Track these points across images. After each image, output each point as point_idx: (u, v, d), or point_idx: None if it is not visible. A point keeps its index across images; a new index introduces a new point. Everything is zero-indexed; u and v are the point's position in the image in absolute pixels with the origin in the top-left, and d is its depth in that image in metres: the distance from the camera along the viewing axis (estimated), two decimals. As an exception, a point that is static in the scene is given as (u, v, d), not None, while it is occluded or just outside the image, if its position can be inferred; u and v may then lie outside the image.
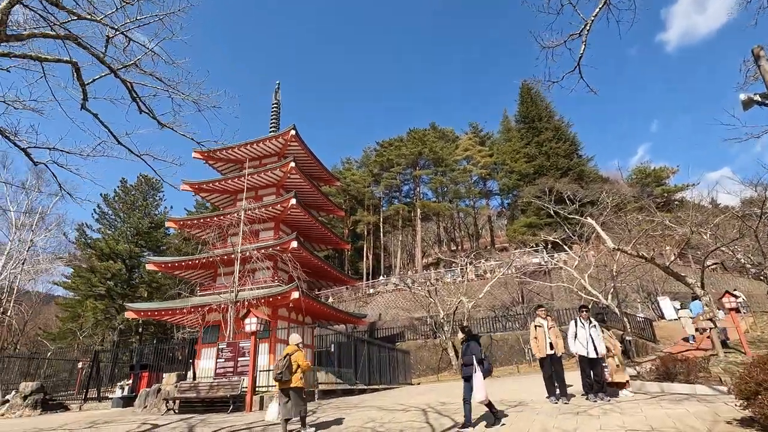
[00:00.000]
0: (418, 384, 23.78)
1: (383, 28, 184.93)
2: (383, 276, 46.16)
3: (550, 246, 33.21)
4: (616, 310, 20.67)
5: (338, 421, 7.54)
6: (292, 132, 23.06)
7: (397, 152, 54.77)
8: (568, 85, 7.15)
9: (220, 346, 11.75)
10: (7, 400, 13.68)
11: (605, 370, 8.54)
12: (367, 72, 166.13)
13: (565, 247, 27.96)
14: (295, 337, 7.08)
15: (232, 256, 17.71)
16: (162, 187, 43.04)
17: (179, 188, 22.88)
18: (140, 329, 38.44)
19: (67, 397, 16.72)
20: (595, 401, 7.61)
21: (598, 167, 50.13)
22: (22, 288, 26.48)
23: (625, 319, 19.63)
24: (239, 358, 11.11)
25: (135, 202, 40.63)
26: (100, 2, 6.55)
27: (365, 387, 17.25)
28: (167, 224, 23.13)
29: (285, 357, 6.62)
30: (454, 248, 59.71)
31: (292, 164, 21.80)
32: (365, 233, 55.03)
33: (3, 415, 13.03)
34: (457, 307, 26.35)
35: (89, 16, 6.61)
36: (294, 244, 19.27)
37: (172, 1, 7.10)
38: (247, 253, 16.95)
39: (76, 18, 6.51)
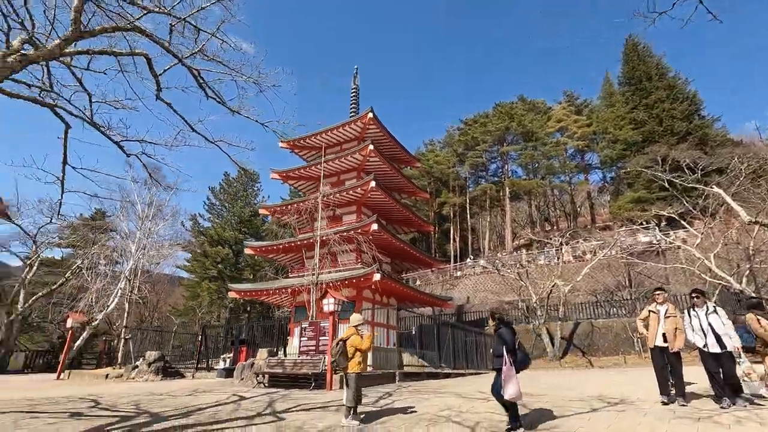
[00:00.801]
0: (509, 370, 22.64)
1: (402, 25, 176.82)
2: (471, 258, 44.79)
3: (663, 223, 29.01)
4: (754, 296, 17.20)
5: (411, 408, 7.17)
6: (370, 115, 22.98)
7: (482, 129, 52.18)
8: (681, 15, 5.63)
9: (303, 325, 12.16)
10: (137, 366, 15.89)
11: (741, 366, 6.85)
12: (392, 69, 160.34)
13: (684, 223, 24.10)
14: (355, 318, 6.82)
15: (314, 240, 18.30)
16: (259, 178, 46.58)
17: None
18: (248, 308, 42.48)
19: (186, 366, 18.95)
20: (727, 406, 6.09)
21: (727, 129, 42.33)
22: (153, 271, 30.65)
23: None
24: (320, 338, 11.36)
25: (237, 193, 44.58)
26: (164, -7, 6.74)
27: (450, 371, 16.77)
28: (260, 211, 24.80)
29: (339, 342, 6.38)
30: (549, 228, 55.59)
31: (371, 147, 21.75)
32: (451, 215, 53.82)
33: (133, 378, 15.20)
34: (551, 291, 24.38)
35: (158, 9, 6.88)
36: (374, 226, 19.31)
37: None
38: (328, 237, 17.32)
39: (146, 12, 6.82)
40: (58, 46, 5.39)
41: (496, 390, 5.29)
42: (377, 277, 17.92)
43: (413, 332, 20.14)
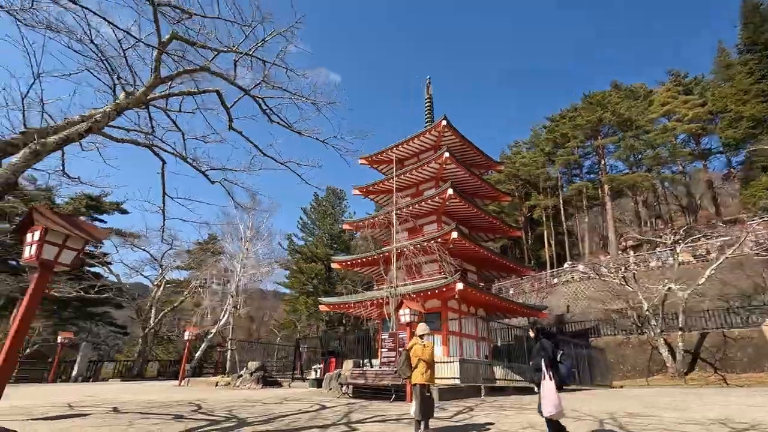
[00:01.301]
0: (621, 387, 20.16)
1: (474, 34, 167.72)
2: (569, 263, 41.37)
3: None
4: None
5: (488, 425, 6.72)
6: (444, 123, 22.73)
7: (571, 124, 48.41)
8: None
9: (383, 337, 12.22)
10: (241, 375, 17.37)
11: None
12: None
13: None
14: (420, 327, 6.60)
15: (398, 251, 18.41)
16: (345, 195, 48.68)
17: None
18: (342, 320, 44.19)
19: (284, 376, 20.24)
20: None
21: None
22: (253, 288, 33.58)
23: None
24: (400, 349, 11.28)
25: (326, 211, 47.07)
26: (224, 33, 7.44)
27: (546, 386, 15.47)
28: (343, 227, 25.80)
29: (403, 351, 6.21)
30: (661, 226, 49.09)
31: (446, 154, 21.44)
32: (544, 218, 50.47)
33: (237, 386, 16.64)
34: (665, 297, 21.37)
35: (227, 49, 7.64)
36: (454, 234, 18.85)
37: (283, 16, 7.60)
38: (407, 249, 17.32)
39: (216, 54, 7.60)
40: (144, 93, 6.24)
41: (539, 407, 4.73)
42: (459, 286, 17.38)
43: (498, 343, 19.10)
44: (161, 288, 27.32)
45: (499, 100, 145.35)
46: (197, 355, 27.31)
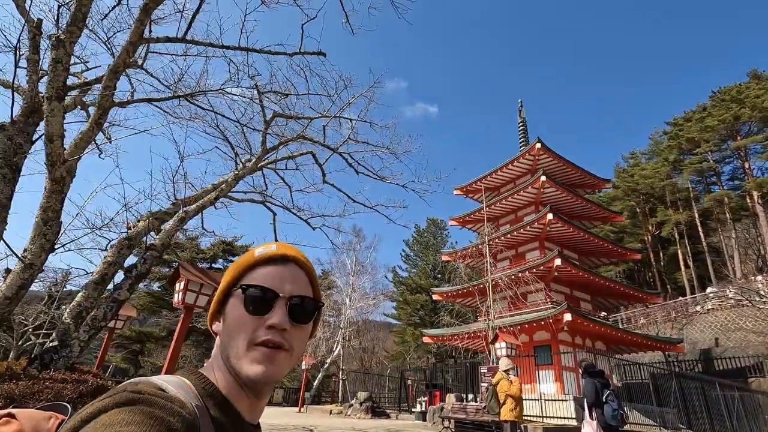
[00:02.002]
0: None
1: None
2: (713, 288, 35.27)
3: None
4: None
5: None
6: (538, 145, 22.06)
7: (699, 126, 42.34)
8: None
9: (482, 370, 12.08)
10: (352, 404, 18.35)
11: None
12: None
13: None
14: (503, 362, 6.61)
15: (494, 281, 18.05)
16: (446, 225, 48.90)
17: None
18: (452, 352, 43.45)
19: (392, 407, 20.75)
20: None
21: None
22: (366, 319, 35.20)
23: None
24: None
25: (428, 242, 47.71)
26: (315, 101, 8.76)
27: (684, 434, 13.41)
28: (443, 257, 26.05)
29: (490, 387, 6.26)
30: None
31: (543, 178, 20.67)
32: (676, 236, 44.11)
33: (348, 414, 17.59)
34: None
35: (318, 115, 8.97)
36: (557, 262, 17.84)
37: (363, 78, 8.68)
38: (507, 278, 16.93)
39: (310, 121, 8.97)
40: (255, 163, 7.70)
41: None
42: (567, 317, 16.25)
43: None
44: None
45: (605, 106, 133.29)
46: (315, 384, 29.38)
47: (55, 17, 4.80)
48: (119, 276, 6.53)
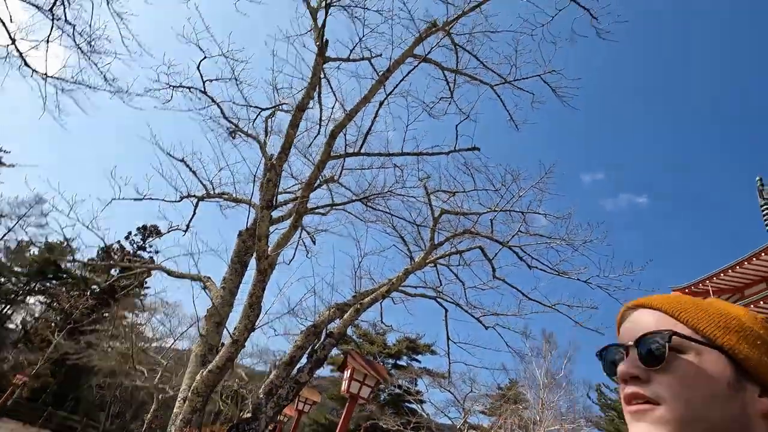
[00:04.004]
0: None
1: None
2: None
3: None
4: None
5: None
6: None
7: None
8: None
9: None
10: None
11: None
12: None
13: None
14: None
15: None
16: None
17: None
18: None
19: None
20: None
21: None
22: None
23: None
24: None
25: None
26: (483, 196, 8.83)
27: None
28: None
29: None
30: None
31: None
32: None
33: None
34: None
35: (486, 210, 8.98)
36: None
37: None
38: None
39: (478, 216, 9.02)
40: (423, 258, 8.02)
41: None
42: None
43: None
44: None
45: None
46: None
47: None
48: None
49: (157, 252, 32.76)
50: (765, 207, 21.48)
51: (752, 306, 17.40)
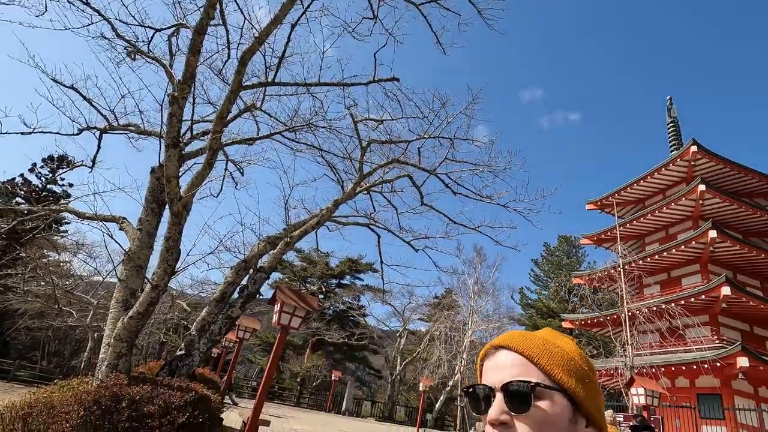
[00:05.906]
0: None
1: None
2: None
3: None
4: None
5: None
6: (693, 148, 18.44)
7: None
8: None
9: (617, 418, 10.24)
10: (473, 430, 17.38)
11: None
12: None
13: None
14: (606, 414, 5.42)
15: (638, 312, 15.30)
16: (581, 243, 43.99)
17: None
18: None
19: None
20: None
21: None
22: (479, 342, 33.56)
23: None
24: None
25: (560, 262, 43.47)
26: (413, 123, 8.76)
27: None
28: (573, 281, 23.27)
29: None
30: None
31: (702, 187, 17.10)
32: None
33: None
34: None
35: (415, 138, 8.95)
36: (725, 290, 14.37)
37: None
38: (638, 311, 14.26)
39: (407, 144, 9.00)
40: (352, 189, 8.02)
41: None
42: (743, 362, 12.84)
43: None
44: (404, 339, 30.77)
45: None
46: (437, 407, 28.83)
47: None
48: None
49: (71, 185, 29.71)
50: (671, 125, 23.56)
51: (649, 215, 19.84)
